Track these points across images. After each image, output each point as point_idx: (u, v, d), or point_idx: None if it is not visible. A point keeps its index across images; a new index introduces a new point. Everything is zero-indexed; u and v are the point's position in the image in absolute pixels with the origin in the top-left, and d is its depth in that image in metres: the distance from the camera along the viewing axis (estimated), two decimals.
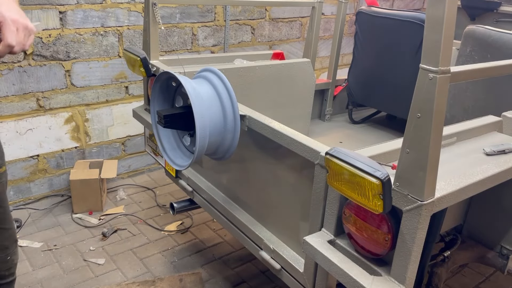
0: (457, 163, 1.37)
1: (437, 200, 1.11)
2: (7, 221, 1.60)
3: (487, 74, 1.32)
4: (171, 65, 2.26)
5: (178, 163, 1.69)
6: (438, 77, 0.97)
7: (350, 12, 4.31)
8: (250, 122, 1.67)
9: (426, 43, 0.97)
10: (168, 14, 3.21)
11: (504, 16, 3.65)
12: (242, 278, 2.45)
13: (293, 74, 2.57)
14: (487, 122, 1.66)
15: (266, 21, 3.82)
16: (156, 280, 2.37)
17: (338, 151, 1.18)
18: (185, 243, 2.72)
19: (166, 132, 1.75)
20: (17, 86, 2.76)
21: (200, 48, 3.49)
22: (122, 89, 3.20)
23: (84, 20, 2.88)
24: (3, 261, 1.63)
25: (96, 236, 2.73)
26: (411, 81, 1.13)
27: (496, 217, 1.68)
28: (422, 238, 1.13)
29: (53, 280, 2.36)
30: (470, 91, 2.17)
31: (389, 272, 1.21)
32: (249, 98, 2.35)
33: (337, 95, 3.07)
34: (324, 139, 2.76)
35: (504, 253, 1.69)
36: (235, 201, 1.94)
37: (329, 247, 1.32)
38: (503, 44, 2.00)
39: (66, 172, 3.10)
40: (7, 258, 1.63)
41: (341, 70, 3.37)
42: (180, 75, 1.53)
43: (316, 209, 1.41)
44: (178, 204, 2.31)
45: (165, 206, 3.09)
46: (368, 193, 1.09)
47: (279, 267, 1.65)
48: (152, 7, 2.16)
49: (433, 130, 1.01)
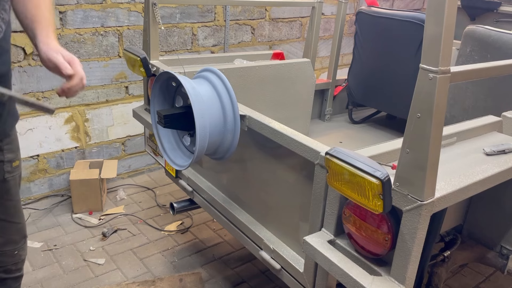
0: (457, 163, 1.37)
1: (437, 200, 1.11)
2: (17, 215, 1.60)
3: (487, 74, 1.33)
4: (171, 65, 2.26)
5: (178, 163, 1.69)
6: (438, 77, 0.97)
7: (350, 12, 4.31)
8: (250, 122, 1.67)
9: (426, 43, 0.97)
10: (168, 14, 3.21)
11: (504, 16, 3.65)
12: (242, 278, 2.45)
13: (293, 74, 2.57)
14: (487, 122, 1.66)
15: (266, 21, 3.82)
16: (156, 280, 2.37)
17: (338, 151, 1.18)
18: (185, 243, 2.72)
19: (166, 132, 1.75)
20: (17, 86, 2.76)
21: (200, 48, 3.49)
22: (122, 89, 3.20)
23: (84, 20, 2.88)
24: (11, 255, 1.62)
25: (96, 236, 2.73)
26: (411, 81, 1.13)
27: (496, 217, 1.68)
28: (422, 238, 1.13)
29: (53, 280, 2.36)
30: (470, 91, 2.17)
31: (389, 272, 1.21)
32: (249, 98, 2.35)
33: (337, 95, 3.07)
34: (324, 139, 2.77)
35: (504, 253, 1.69)
36: (235, 201, 1.94)
37: (329, 247, 1.32)
38: (503, 44, 2.00)
39: (66, 172, 3.10)
40: (14, 253, 1.63)
41: (341, 70, 3.37)
42: (180, 75, 1.53)
43: (316, 209, 1.41)
44: (178, 204, 2.31)
45: (165, 206, 3.09)
46: (368, 193, 1.09)
47: (279, 267, 1.65)
48: (152, 7, 2.16)
49: (433, 130, 1.01)
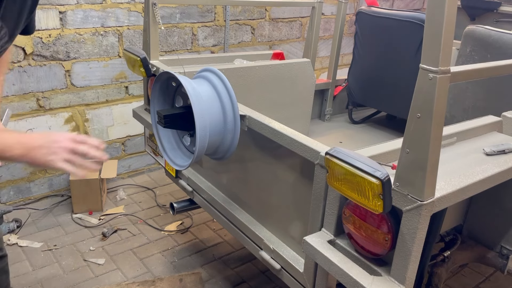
0: (457, 163, 1.37)
1: (437, 200, 1.11)
2: None
3: (487, 74, 1.33)
4: (171, 65, 2.26)
5: (178, 163, 1.69)
6: (438, 77, 0.97)
7: (350, 12, 4.31)
8: (250, 122, 1.67)
9: (426, 43, 0.97)
10: (168, 14, 3.21)
11: (504, 16, 3.65)
12: (242, 278, 2.45)
13: (293, 74, 2.57)
14: (487, 122, 1.66)
15: (266, 21, 3.82)
16: (156, 280, 2.37)
17: (338, 151, 1.18)
18: (185, 243, 2.72)
19: (166, 132, 1.75)
20: (17, 86, 2.76)
21: (200, 48, 3.49)
22: (122, 89, 3.20)
23: (84, 20, 2.88)
24: None
25: (96, 236, 2.73)
26: (411, 81, 1.13)
27: (496, 217, 1.68)
28: (422, 238, 1.13)
29: (53, 280, 2.36)
30: (470, 91, 2.17)
31: (389, 272, 1.21)
32: (249, 98, 2.35)
33: (337, 95, 3.07)
34: (324, 139, 2.76)
35: (504, 253, 1.69)
36: (235, 201, 1.94)
37: (329, 247, 1.32)
38: (503, 44, 2.00)
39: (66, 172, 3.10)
40: None
41: (341, 70, 3.37)
42: (180, 75, 1.53)
43: (316, 209, 1.41)
44: (178, 204, 2.31)
45: (165, 206, 3.09)
46: (368, 193, 1.09)
47: (279, 267, 1.65)
48: (152, 7, 2.16)
49: (433, 130, 1.01)
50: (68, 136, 1.19)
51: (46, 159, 1.14)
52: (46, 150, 1.14)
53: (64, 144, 1.16)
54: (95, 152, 1.19)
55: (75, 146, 1.18)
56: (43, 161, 1.14)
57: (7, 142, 1.12)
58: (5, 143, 1.12)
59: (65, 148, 1.16)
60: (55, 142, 1.15)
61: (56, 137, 1.16)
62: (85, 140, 1.21)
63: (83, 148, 1.19)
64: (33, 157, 1.13)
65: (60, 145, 1.15)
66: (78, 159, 1.18)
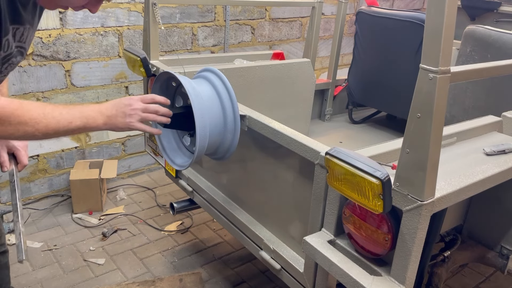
0: (457, 163, 1.37)
1: (437, 200, 1.11)
2: None
3: (487, 74, 1.32)
4: (171, 65, 2.26)
5: (178, 163, 1.69)
6: (438, 77, 0.97)
7: (350, 12, 4.31)
8: (250, 122, 1.67)
9: (426, 43, 0.97)
10: (168, 14, 3.21)
11: (504, 16, 3.65)
12: (242, 278, 2.45)
13: (293, 74, 2.57)
14: (487, 122, 1.66)
15: (266, 21, 3.82)
16: (156, 280, 2.37)
17: (338, 151, 1.18)
18: (185, 243, 2.72)
19: (166, 132, 1.75)
20: (17, 86, 2.76)
21: (200, 48, 3.49)
22: (122, 89, 3.20)
23: (84, 20, 2.88)
24: None
25: (96, 236, 2.73)
26: (411, 81, 1.13)
27: (496, 217, 1.68)
28: (422, 238, 1.13)
29: (53, 280, 2.36)
30: (470, 91, 2.17)
31: (389, 272, 1.21)
32: (249, 98, 2.35)
33: (337, 95, 3.07)
34: (324, 139, 2.76)
35: (504, 253, 1.69)
36: (235, 201, 1.94)
37: (329, 247, 1.32)
38: (503, 44, 2.00)
39: (66, 172, 3.10)
40: None
41: (341, 70, 3.37)
42: (180, 75, 1.53)
43: (316, 209, 1.41)
44: (178, 204, 2.31)
45: (165, 206, 3.09)
46: (368, 193, 1.09)
47: (279, 267, 1.65)
48: (152, 7, 2.16)
49: (433, 130, 1.01)
50: (137, 98, 1.30)
51: (125, 122, 1.25)
52: (122, 114, 1.25)
53: (137, 106, 1.27)
54: (163, 109, 1.34)
55: (147, 106, 1.30)
56: (123, 125, 1.26)
57: (89, 114, 1.21)
58: (88, 115, 1.21)
59: (139, 109, 1.27)
60: (128, 106, 1.26)
61: (127, 101, 1.27)
62: (153, 98, 1.33)
63: (153, 106, 1.32)
64: (114, 123, 1.24)
65: (134, 107, 1.27)
66: (151, 116, 1.30)
